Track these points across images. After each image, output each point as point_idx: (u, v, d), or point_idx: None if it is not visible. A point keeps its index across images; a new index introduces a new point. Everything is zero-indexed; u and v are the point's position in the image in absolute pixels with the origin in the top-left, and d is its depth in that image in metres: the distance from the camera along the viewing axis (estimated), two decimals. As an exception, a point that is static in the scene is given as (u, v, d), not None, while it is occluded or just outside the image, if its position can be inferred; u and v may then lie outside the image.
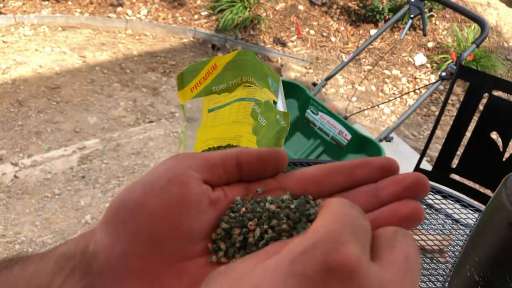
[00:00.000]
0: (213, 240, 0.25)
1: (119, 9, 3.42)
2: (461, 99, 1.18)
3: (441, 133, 2.78)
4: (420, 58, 3.40)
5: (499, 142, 1.14)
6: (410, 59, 3.42)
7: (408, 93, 2.49)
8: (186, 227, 0.24)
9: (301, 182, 0.28)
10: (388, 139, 1.69)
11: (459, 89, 3.13)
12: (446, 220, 0.96)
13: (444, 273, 0.83)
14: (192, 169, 0.25)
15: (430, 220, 0.96)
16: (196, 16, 3.52)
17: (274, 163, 0.28)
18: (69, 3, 3.38)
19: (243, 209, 0.26)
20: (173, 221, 0.24)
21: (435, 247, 0.88)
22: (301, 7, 3.71)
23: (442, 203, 0.99)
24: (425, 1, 1.88)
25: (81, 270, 0.23)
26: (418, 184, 0.25)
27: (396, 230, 0.21)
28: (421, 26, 3.52)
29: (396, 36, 3.54)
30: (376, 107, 3.01)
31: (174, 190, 0.24)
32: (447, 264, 0.86)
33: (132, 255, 0.23)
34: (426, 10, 3.40)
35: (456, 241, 0.92)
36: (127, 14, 3.41)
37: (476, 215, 0.97)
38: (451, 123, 1.20)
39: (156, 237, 0.24)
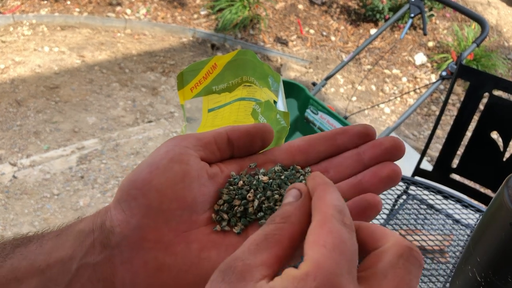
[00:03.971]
0: (216, 210, 0.28)
1: (118, 8, 3.42)
2: (462, 99, 1.18)
3: (442, 133, 2.78)
4: (420, 58, 3.40)
5: (500, 142, 1.13)
6: (410, 58, 3.42)
7: (408, 92, 2.49)
8: (190, 199, 0.27)
9: (289, 153, 0.31)
10: (388, 138, 1.69)
11: (460, 89, 3.13)
12: (447, 220, 0.96)
13: (445, 273, 0.83)
14: (189, 148, 0.28)
15: (431, 220, 0.95)
16: (195, 16, 3.52)
17: (261, 136, 0.30)
18: (68, 2, 3.37)
19: (241, 182, 0.29)
20: (178, 194, 0.27)
21: (435, 247, 0.88)
22: (300, 6, 3.71)
23: (443, 203, 0.99)
24: (425, 0, 1.88)
25: (101, 244, 0.26)
26: (395, 146, 0.28)
27: (400, 255, 0.21)
28: (421, 26, 3.52)
29: (396, 36, 3.54)
30: (376, 106, 3.01)
31: (176, 168, 0.27)
32: (448, 265, 0.85)
33: (145, 227, 0.26)
34: (426, 9, 3.40)
35: (457, 241, 0.91)
36: (126, 13, 3.40)
37: (477, 216, 0.97)
38: (452, 122, 1.20)
39: (165, 209, 0.26)
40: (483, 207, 1.03)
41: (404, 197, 1.03)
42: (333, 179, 0.29)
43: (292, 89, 1.68)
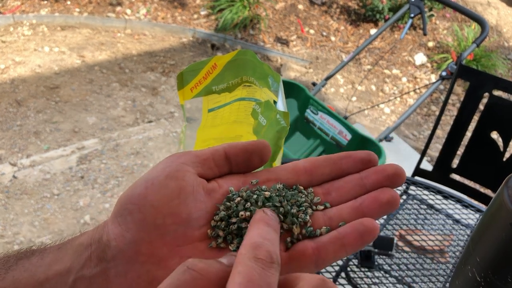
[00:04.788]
0: (212, 226, 0.28)
1: (118, 8, 3.42)
2: (462, 99, 1.18)
3: (442, 133, 2.78)
4: (420, 58, 3.40)
5: (500, 142, 1.14)
6: (410, 58, 3.42)
7: (408, 92, 2.49)
8: (185, 214, 0.28)
9: (294, 173, 0.31)
10: (388, 139, 1.69)
11: (460, 89, 3.13)
12: (447, 221, 0.96)
13: (444, 273, 0.83)
14: (187, 164, 0.29)
15: (431, 220, 0.95)
16: (195, 16, 3.52)
17: (259, 153, 0.31)
18: (68, 2, 3.37)
19: (238, 198, 0.29)
20: (173, 210, 0.27)
21: (435, 247, 0.88)
22: (300, 7, 3.71)
23: (443, 203, 0.99)
24: (425, 1, 1.88)
25: (97, 257, 0.27)
26: (397, 173, 0.29)
27: (314, 286, 0.22)
28: (421, 26, 3.52)
29: (396, 36, 3.54)
30: (376, 106, 3.01)
31: (172, 184, 0.28)
32: (448, 265, 0.85)
33: (140, 241, 0.27)
34: (426, 9, 3.40)
35: (457, 241, 0.91)
36: (126, 13, 3.40)
37: (477, 216, 0.97)
38: (452, 122, 1.20)
39: (159, 224, 0.27)
40: (483, 207, 1.03)
41: (404, 197, 1.03)
42: (335, 201, 0.30)
43: (292, 89, 1.68)
